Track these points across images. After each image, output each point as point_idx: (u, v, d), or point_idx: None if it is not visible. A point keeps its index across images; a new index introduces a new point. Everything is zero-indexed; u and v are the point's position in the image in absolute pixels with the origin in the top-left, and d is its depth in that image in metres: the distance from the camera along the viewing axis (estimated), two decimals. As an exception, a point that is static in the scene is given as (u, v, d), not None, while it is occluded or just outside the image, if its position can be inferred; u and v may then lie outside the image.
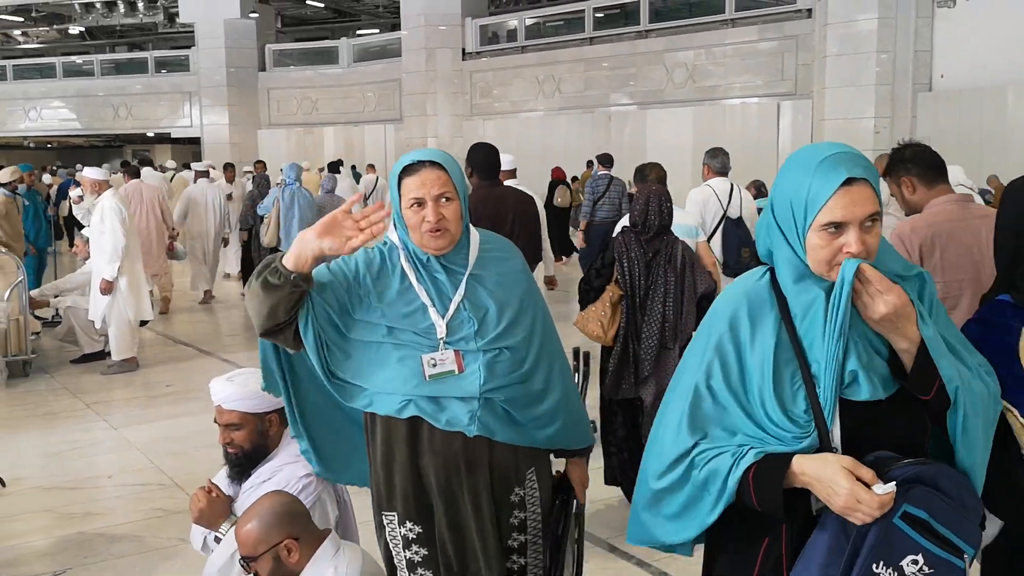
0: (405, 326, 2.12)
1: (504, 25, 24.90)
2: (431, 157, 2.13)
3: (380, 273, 2.17)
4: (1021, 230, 2.03)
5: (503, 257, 2.29)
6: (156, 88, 29.87)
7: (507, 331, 2.17)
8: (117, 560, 3.88)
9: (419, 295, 2.14)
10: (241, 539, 2.26)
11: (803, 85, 18.39)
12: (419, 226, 2.09)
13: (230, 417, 2.62)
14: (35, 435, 5.67)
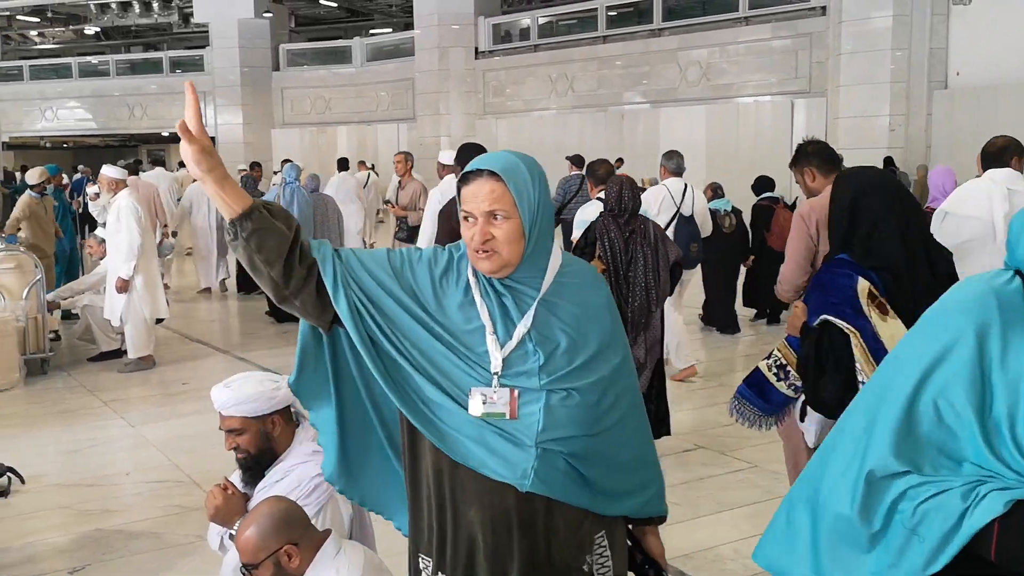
0: (461, 344, 1.81)
1: (517, 24, 24.91)
2: (490, 165, 1.81)
3: (444, 274, 1.87)
4: (852, 209, 2.73)
5: (585, 286, 1.94)
6: (171, 88, 29.98)
7: (579, 371, 1.83)
8: (134, 557, 3.90)
9: (480, 313, 1.81)
10: (241, 547, 2.27)
11: (817, 83, 18.32)
12: (470, 241, 1.81)
13: (231, 423, 2.62)
14: (53, 432, 5.72)
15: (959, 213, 4.25)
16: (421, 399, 1.81)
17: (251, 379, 2.68)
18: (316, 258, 1.81)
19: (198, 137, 1.73)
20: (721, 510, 4.26)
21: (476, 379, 1.79)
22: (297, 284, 1.80)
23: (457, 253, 1.90)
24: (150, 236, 7.35)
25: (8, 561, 3.86)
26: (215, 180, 1.74)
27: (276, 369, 7.12)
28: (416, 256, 1.89)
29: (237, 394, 2.60)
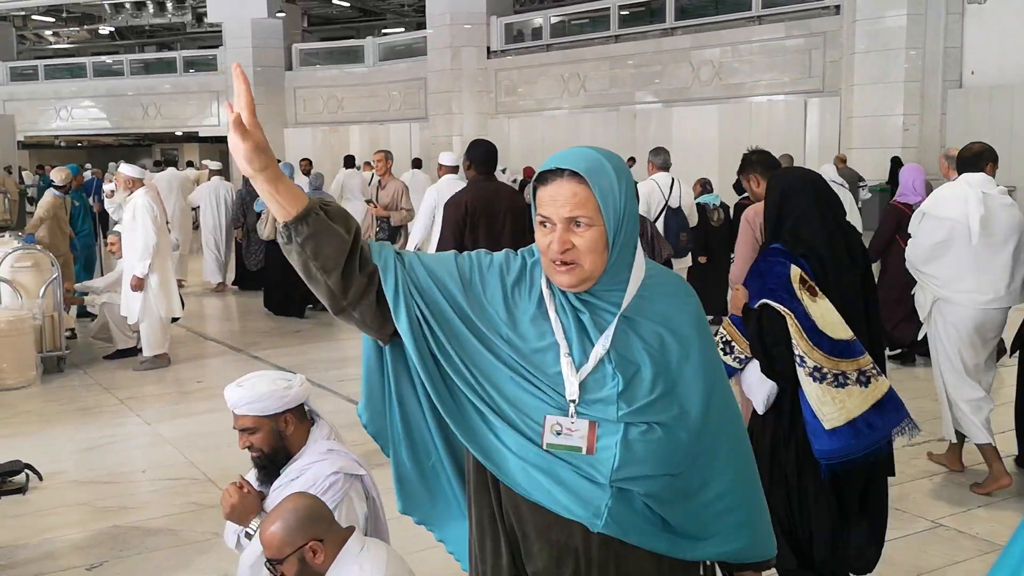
0: (532, 365, 1.61)
1: (529, 23, 24.91)
2: (572, 165, 1.58)
3: (517, 284, 1.67)
4: (781, 205, 3.14)
5: (671, 300, 1.70)
6: (184, 87, 30.14)
7: (662, 401, 1.61)
8: (152, 553, 3.93)
9: (554, 330, 1.61)
10: (266, 542, 2.28)
11: (831, 82, 18.25)
12: (546, 250, 1.60)
13: (244, 422, 2.63)
14: (70, 430, 5.76)
15: (937, 214, 4.47)
16: (484, 425, 1.62)
17: (263, 378, 2.68)
18: (377, 264, 1.62)
19: (251, 131, 1.54)
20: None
21: (547, 404, 1.59)
22: (356, 294, 1.61)
23: (530, 259, 1.69)
24: (165, 235, 7.39)
25: (27, 557, 3.90)
26: (268, 179, 1.56)
27: (290, 368, 7.16)
28: (486, 262, 1.69)
29: (249, 393, 2.61)
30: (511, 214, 5.17)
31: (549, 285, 1.65)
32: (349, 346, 8.18)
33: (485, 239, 5.06)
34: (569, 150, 1.64)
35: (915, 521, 4.13)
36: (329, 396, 6.37)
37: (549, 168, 1.61)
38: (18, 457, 4.70)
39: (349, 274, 1.60)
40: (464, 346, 1.62)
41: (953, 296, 4.44)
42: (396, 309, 1.62)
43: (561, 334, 1.61)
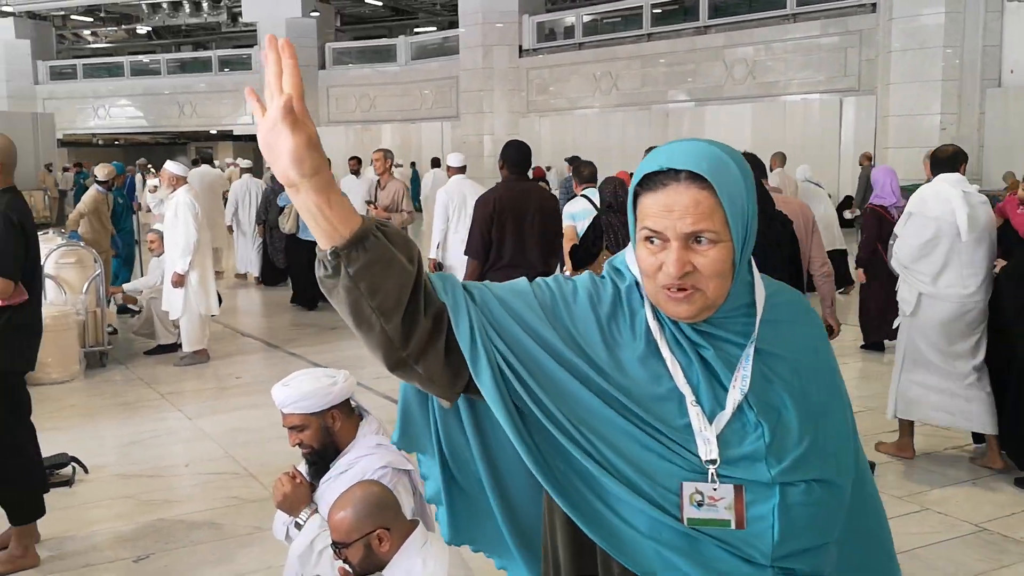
0: (651, 416, 1.26)
1: (561, 22, 24.89)
2: (690, 164, 1.24)
3: (613, 315, 1.33)
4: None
5: (798, 322, 1.39)
6: (219, 86, 30.45)
7: (815, 449, 1.29)
8: (196, 547, 3.99)
9: (672, 373, 1.28)
10: (334, 525, 2.32)
11: (867, 81, 18.08)
12: (653, 274, 1.25)
13: (292, 420, 2.68)
14: (114, 424, 5.85)
15: (923, 214, 4.71)
16: (596, 495, 1.26)
17: (308, 376, 2.73)
18: (446, 303, 1.27)
19: (304, 121, 1.16)
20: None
21: (677, 467, 1.25)
22: (420, 343, 1.25)
23: (623, 283, 1.35)
24: (206, 233, 7.49)
25: (75, 548, 3.97)
26: (318, 187, 1.16)
27: (326, 365, 7.23)
28: (569, 289, 1.35)
29: (295, 392, 2.65)
30: (540, 214, 5.23)
31: (656, 315, 1.31)
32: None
33: (512, 238, 5.14)
34: (678, 144, 1.28)
35: (959, 525, 4.10)
36: (367, 394, 6.42)
37: (658, 169, 1.25)
38: (64, 450, 4.82)
39: (412, 317, 1.22)
40: (564, 395, 1.26)
41: (939, 291, 4.70)
42: (475, 360, 1.25)
43: (682, 377, 1.28)
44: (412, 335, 1.24)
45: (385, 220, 1.24)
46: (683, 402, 1.27)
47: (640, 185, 1.28)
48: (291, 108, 1.15)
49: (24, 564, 3.75)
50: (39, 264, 3.94)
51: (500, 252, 5.19)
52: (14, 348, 3.71)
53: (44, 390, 6.25)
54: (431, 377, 1.29)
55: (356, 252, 1.19)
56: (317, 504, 2.66)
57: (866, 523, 1.42)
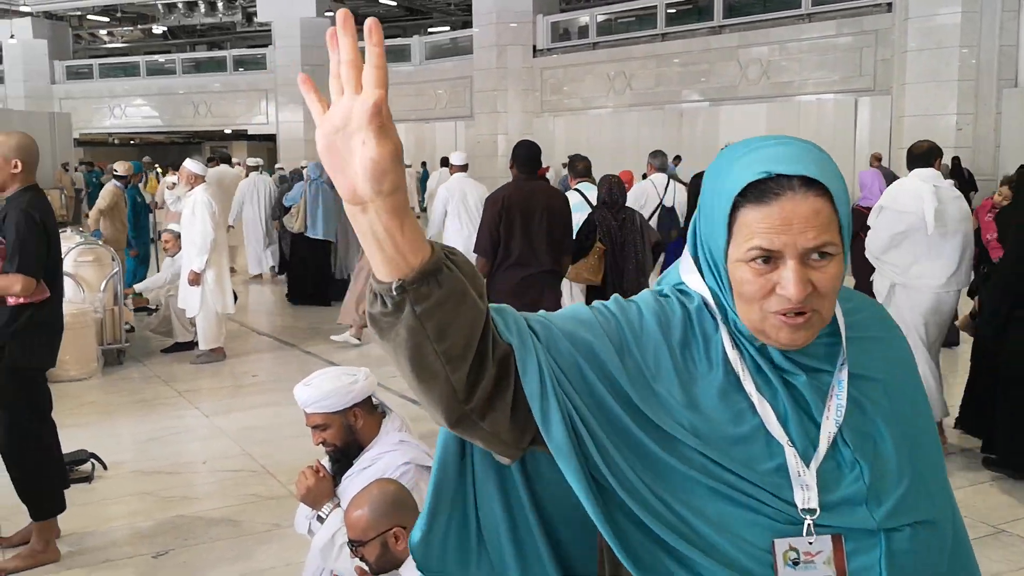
0: (736, 463, 1.08)
1: (575, 21, 24.89)
2: (803, 169, 1.07)
3: (685, 343, 1.15)
4: (691, 195, 4.92)
5: (881, 336, 1.22)
6: (234, 86, 30.59)
7: (916, 486, 1.13)
8: (215, 543, 4.02)
9: (760, 411, 1.10)
10: (351, 523, 2.33)
11: (882, 81, 18.02)
12: (761, 299, 1.07)
13: (315, 419, 2.70)
14: (132, 421, 5.90)
15: (894, 208, 4.92)
16: (675, 561, 1.09)
17: (328, 375, 2.75)
18: (512, 343, 1.06)
19: (390, 127, 0.94)
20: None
21: (767, 519, 1.07)
22: (485, 394, 1.04)
23: (690, 303, 1.17)
24: (222, 231, 7.53)
25: (95, 544, 4.00)
26: (393, 207, 0.95)
27: (342, 363, 7.25)
28: (634, 313, 1.16)
29: (316, 392, 2.67)
30: (548, 213, 5.27)
31: (736, 343, 1.13)
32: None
33: (521, 236, 5.18)
34: (773, 146, 1.10)
35: (976, 527, 4.09)
36: (384, 393, 6.43)
37: (766, 175, 1.06)
38: (83, 447, 4.86)
39: (479, 363, 1.03)
40: (638, 452, 1.08)
41: (910, 281, 4.92)
42: (545, 414, 1.05)
43: (771, 415, 1.10)
44: (478, 385, 1.03)
45: (452, 248, 1.04)
46: (770, 442, 1.09)
47: (745, 196, 1.07)
48: (381, 110, 0.92)
49: (45, 559, 3.79)
50: (60, 262, 3.97)
51: (508, 250, 5.22)
52: (36, 345, 3.74)
53: (63, 387, 6.29)
54: (497, 433, 1.07)
55: (427, 287, 0.97)
56: (340, 499, 2.69)
57: (964, 564, 1.22)
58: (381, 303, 0.99)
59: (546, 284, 5.26)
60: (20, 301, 3.61)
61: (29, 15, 32.03)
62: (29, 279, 3.59)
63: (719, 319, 1.15)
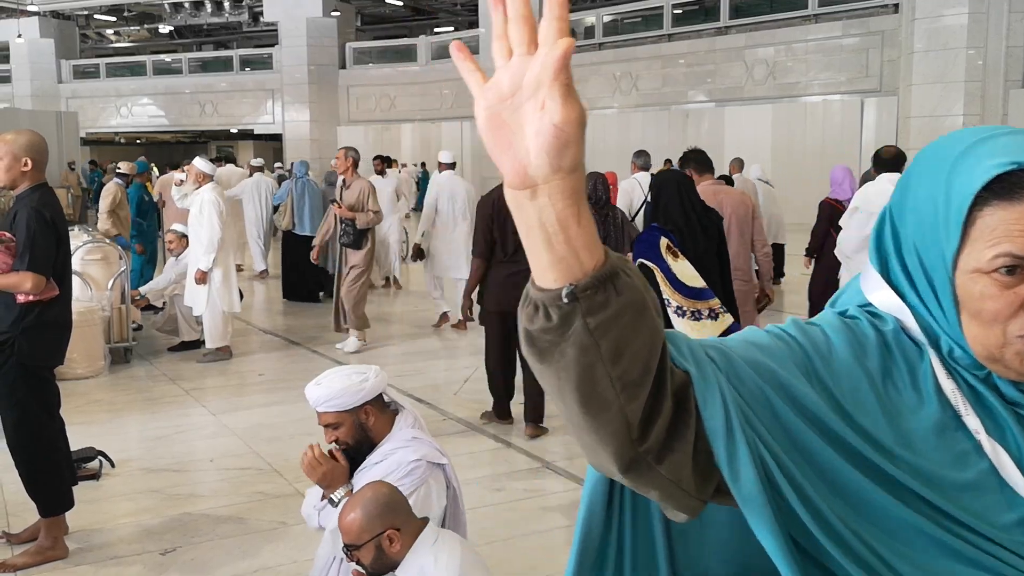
0: (968, 514, 0.90)
1: (581, 22, 24.88)
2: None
3: (886, 370, 0.96)
4: (656, 195, 4.44)
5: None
6: (240, 86, 30.64)
7: None
8: (222, 541, 4.03)
9: (986, 450, 0.93)
10: (345, 528, 2.34)
11: (889, 82, 18.00)
12: (1007, 318, 0.90)
13: (327, 418, 2.71)
14: (139, 419, 5.92)
15: (868, 210, 5.21)
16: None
17: (339, 374, 2.76)
18: (689, 371, 0.88)
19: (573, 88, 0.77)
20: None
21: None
22: (662, 432, 0.86)
23: (884, 326, 0.99)
24: (230, 231, 7.55)
25: (103, 541, 4.02)
26: (571, 190, 0.78)
27: (351, 362, 7.27)
28: (818, 336, 0.98)
29: (327, 391, 2.69)
30: None
31: (948, 371, 0.95)
32: (410, 342, 8.29)
33: (512, 235, 5.27)
34: (1009, 132, 0.94)
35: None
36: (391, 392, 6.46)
37: (1020, 165, 0.88)
38: (90, 444, 4.88)
39: (658, 392, 0.85)
40: (849, 498, 0.90)
41: None
42: (732, 456, 0.86)
43: (1004, 456, 0.92)
44: (654, 421, 0.84)
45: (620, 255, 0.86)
46: (1004, 489, 0.91)
47: (998, 195, 0.89)
48: (568, 64, 0.75)
49: (53, 556, 3.81)
50: (69, 260, 3.99)
51: (503, 249, 5.43)
52: (44, 343, 3.76)
53: (70, 385, 6.31)
54: (678, 481, 0.87)
55: (604, 295, 0.79)
56: (354, 487, 2.70)
57: None
58: (544, 315, 0.80)
59: None
60: (30, 299, 3.63)
61: (36, 14, 32.12)
62: (39, 277, 3.61)
63: (925, 344, 0.96)
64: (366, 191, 7.67)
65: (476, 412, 5.84)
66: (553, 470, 4.81)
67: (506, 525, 4.10)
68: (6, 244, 3.62)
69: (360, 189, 7.69)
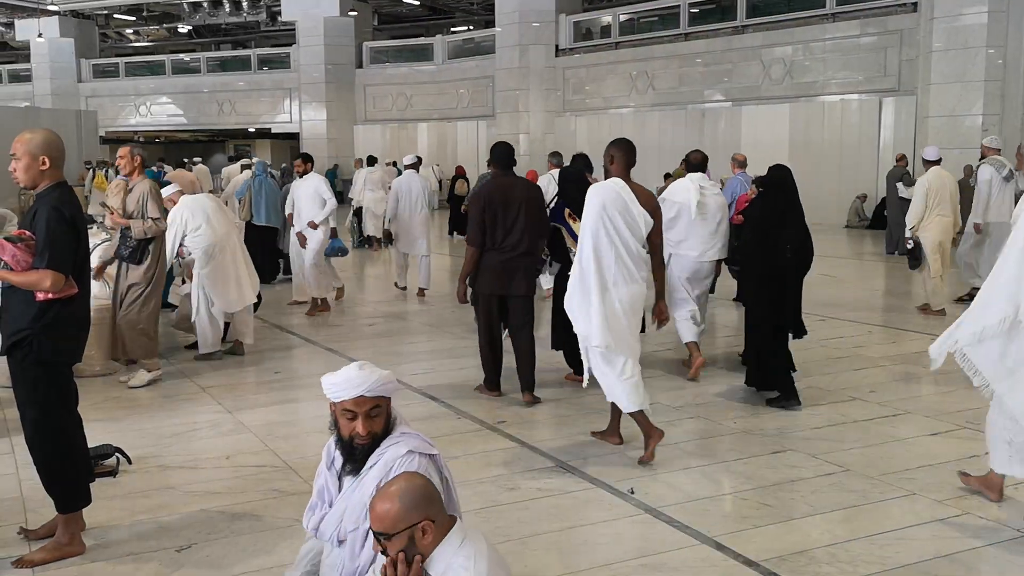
0: None
1: (598, 21, 24.86)
2: None
3: None
4: (565, 182, 6.56)
5: None
6: (258, 85, 30.78)
7: None
8: (238, 538, 4.04)
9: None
10: (379, 516, 2.33)
11: (907, 81, 17.89)
12: None
13: (374, 402, 2.71)
14: (156, 416, 5.95)
15: (671, 200, 6.74)
16: None
17: (366, 364, 2.80)
18: None
19: None
20: (814, 513, 4.24)
21: None
22: None
23: None
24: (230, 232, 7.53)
25: (120, 537, 4.04)
26: None
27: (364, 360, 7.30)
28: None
29: (374, 375, 2.71)
30: (525, 204, 6.00)
31: None
32: (421, 341, 8.30)
33: (502, 225, 5.95)
34: None
35: (1000, 530, 4.06)
36: (401, 390, 6.48)
37: None
38: (108, 441, 4.91)
39: None
40: None
41: (679, 251, 6.70)
42: None
43: None
44: None
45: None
46: None
47: None
48: None
49: (70, 552, 3.83)
50: (88, 258, 4.02)
51: (493, 238, 5.95)
52: (63, 340, 3.79)
53: (87, 382, 6.37)
54: None
55: None
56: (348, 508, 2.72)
57: None
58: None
59: (523, 264, 6.03)
60: (49, 297, 3.66)
61: (57, 14, 32.37)
62: (59, 275, 3.64)
63: None
64: (146, 195, 6.58)
65: (491, 411, 5.86)
66: (567, 469, 4.81)
67: (520, 524, 4.10)
68: (26, 242, 3.65)
69: (141, 193, 6.61)
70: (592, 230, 4.84)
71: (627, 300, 4.82)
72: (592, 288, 4.79)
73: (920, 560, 3.68)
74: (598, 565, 3.68)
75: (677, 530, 4.02)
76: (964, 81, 15.90)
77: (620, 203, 4.86)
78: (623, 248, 4.81)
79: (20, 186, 3.89)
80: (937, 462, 4.89)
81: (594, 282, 4.78)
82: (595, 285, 4.78)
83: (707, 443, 5.24)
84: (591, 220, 4.85)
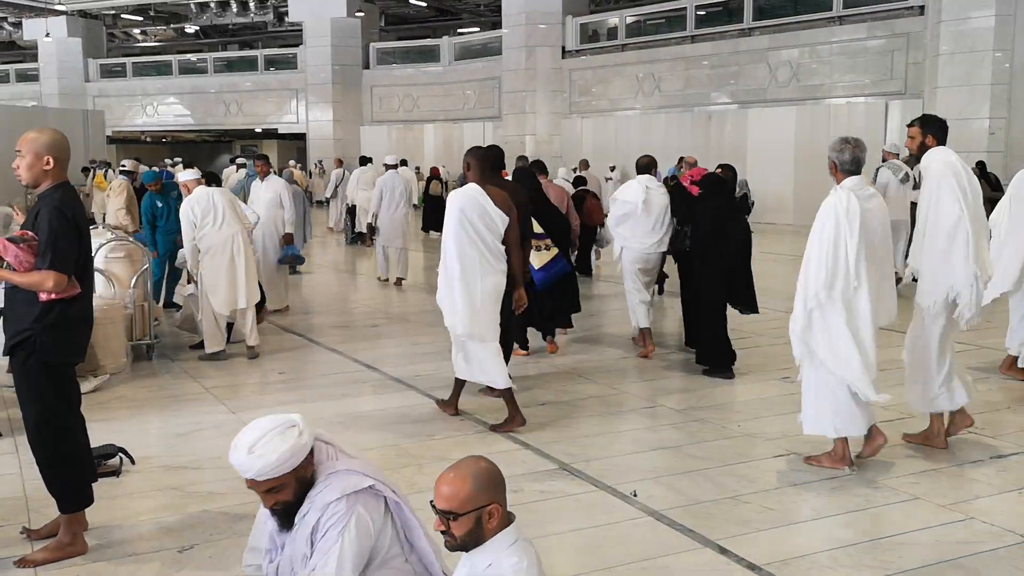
0: None
1: (604, 23, 24.86)
2: None
3: None
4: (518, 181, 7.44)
5: None
6: (265, 85, 30.83)
7: None
8: (240, 538, 4.03)
9: None
10: (448, 495, 2.28)
11: (913, 84, 17.85)
12: None
13: (269, 484, 2.48)
14: (160, 416, 5.96)
15: (622, 199, 7.46)
16: None
17: (271, 434, 2.49)
18: None
19: None
20: (817, 517, 4.22)
21: None
22: None
23: None
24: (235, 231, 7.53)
25: (122, 537, 4.04)
26: None
27: (368, 362, 7.30)
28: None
29: (270, 459, 2.44)
30: (512, 207, 6.12)
31: None
32: (424, 341, 8.30)
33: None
34: None
35: (1003, 535, 4.05)
36: (406, 391, 6.48)
37: None
38: (111, 441, 4.91)
39: None
40: None
41: (629, 244, 7.48)
42: None
43: None
44: None
45: None
46: None
47: None
48: None
49: (72, 552, 3.83)
50: (90, 258, 4.02)
51: None
52: (66, 340, 3.79)
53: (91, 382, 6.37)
54: None
55: None
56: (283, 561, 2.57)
57: None
58: None
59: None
60: (51, 297, 3.66)
61: (64, 14, 32.46)
62: (61, 275, 3.64)
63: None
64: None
65: (495, 414, 5.85)
66: (570, 471, 4.80)
67: (522, 527, 4.09)
68: (28, 243, 3.65)
69: None
70: (455, 233, 5.39)
71: (491, 289, 5.44)
72: (456, 284, 5.38)
73: (923, 565, 3.67)
74: (601, 568, 3.68)
75: (680, 533, 4.01)
76: (971, 85, 15.86)
77: (478, 207, 5.41)
78: (483, 245, 5.40)
79: (24, 184, 3.90)
80: (939, 467, 4.87)
81: (458, 279, 5.36)
82: (458, 281, 5.36)
83: (710, 446, 5.23)
84: (452, 224, 5.40)
